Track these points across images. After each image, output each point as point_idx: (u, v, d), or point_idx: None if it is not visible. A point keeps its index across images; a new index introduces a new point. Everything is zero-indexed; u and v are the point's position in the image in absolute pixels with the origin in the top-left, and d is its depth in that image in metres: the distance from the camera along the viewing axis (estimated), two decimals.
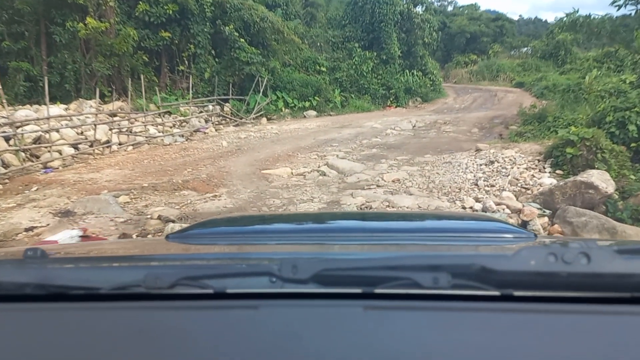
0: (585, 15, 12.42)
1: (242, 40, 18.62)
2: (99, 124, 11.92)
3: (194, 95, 17.62)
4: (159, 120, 14.56)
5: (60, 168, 9.74)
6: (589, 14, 13.29)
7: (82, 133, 11.90)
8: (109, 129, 12.09)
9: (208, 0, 18.03)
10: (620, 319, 0.74)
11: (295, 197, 7.27)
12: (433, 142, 12.08)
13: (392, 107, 23.10)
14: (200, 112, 17.15)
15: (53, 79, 16.08)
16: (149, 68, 17.92)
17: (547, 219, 6.20)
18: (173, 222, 6.12)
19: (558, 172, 7.56)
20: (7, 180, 8.54)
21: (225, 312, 0.78)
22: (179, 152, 11.05)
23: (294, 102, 19.93)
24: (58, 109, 12.85)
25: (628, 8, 11.31)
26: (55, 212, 6.59)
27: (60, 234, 5.05)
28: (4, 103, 10.09)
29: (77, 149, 11.11)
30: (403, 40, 24.99)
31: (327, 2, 27.88)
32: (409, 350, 0.67)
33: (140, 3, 16.98)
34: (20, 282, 0.83)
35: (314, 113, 19.75)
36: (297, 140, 12.49)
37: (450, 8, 51.73)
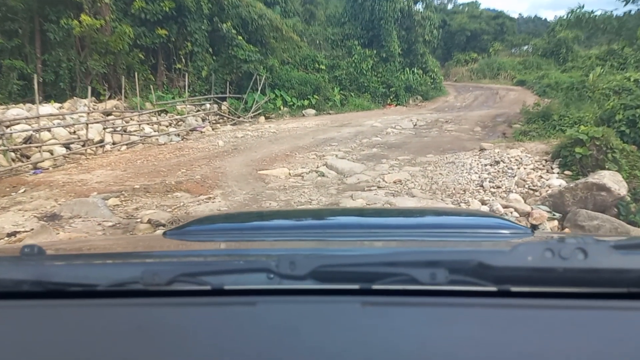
0: (590, 11, 12.13)
1: (240, 38, 18.32)
2: (92, 123, 11.63)
3: (191, 94, 17.34)
4: (155, 119, 14.25)
5: (51, 169, 9.44)
6: (592, 10, 13.08)
7: (74, 132, 11.60)
8: (103, 128, 11.78)
9: None
10: (617, 314, 0.74)
11: (293, 199, 6.97)
12: (435, 141, 11.77)
13: (392, 105, 22.82)
14: (198, 110, 16.85)
15: (47, 78, 15.86)
16: (146, 66, 17.65)
17: (557, 223, 5.91)
18: (164, 226, 5.83)
19: (566, 172, 7.27)
20: None
21: (223, 308, 0.78)
22: (174, 151, 10.75)
23: (293, 100, 19.62)
24: (50, 108, 12.55)
25: (628, 6, 11.05)
26: (41, 215, 6.29)
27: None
28: None
29: (69, 149, 10.81)
30: (403, 38, 24.69)
31: None
32: (407, 346, 0.68)
33: (137, 0, 16.65)
34: (18, 279, 0.83)
35: (313, 112, 19.46)
36: (295, 140, 12.18)
37: (451, 6, 51.27)
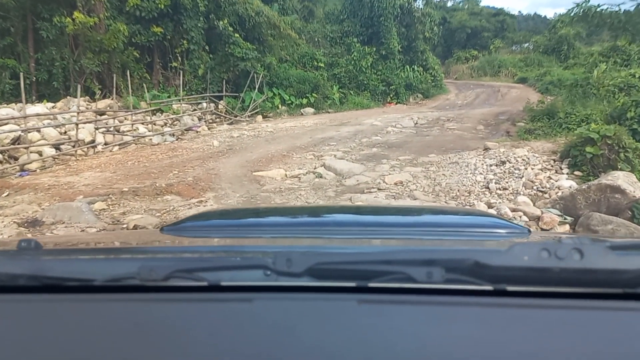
0: (597, 5, 11.78)
1: (236, 36, 17.99)
2: (84, 123, 11.27)
3: (188, 93, 17.02)
4: (150, 119, 13.90)
5: (38, 171, 9.09)
6: (599, 5, 12.77)
7: (65, 133, 11.25)
8: (95, 128, 11.43)
9: None
10: (612, 315, 0.74)
11: (289, 202, 6.63)
12: (437, 140, 11.42)
13: (392, 103, 22.53)
14: (194, 109, 16.49)
15: (41, 77, 15.59)
16: (141, 65, 17.34)
17: (568, 227, 5.56)
18: None
19: (576, 173, 6.92)
20: None
21: (220, 304, 0.78)
22: (167, 152, 10.39)
23: (291, 99, 19.28)
24: (40, 108, 12.21)
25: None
26: (21, 221, 5.94)
27: None
28: None
29: (59, 150, 10.46)
30: (403, 35, 24.38)
31: None
32: (403, 344, 0.68)
33: None
34: (14, 273, 0.83)
35: (312, 110, 19.12)
36: (292, 139, 11.83)
37: (450, 3, 50.86)
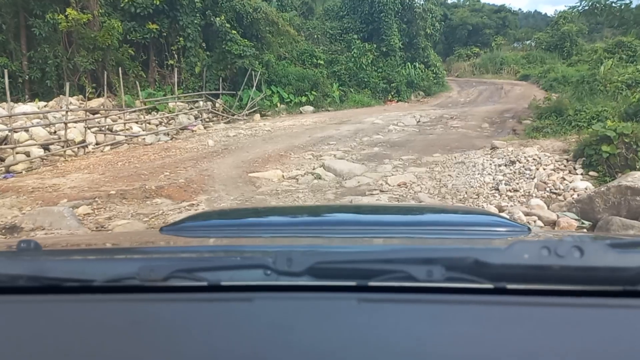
0: None
1: (234, 32, 17.58)
2: (75, 122, 10.88)
3: (184, 91, 16.63)
4: (144, 118, 13.50)
5: (24, 172, 8.70)
6: None
7: (54, 132, 10.86)
8: (87, 128, 11.04)
9: None
10: (612, 312, 0.73)
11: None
12: (441, 139, 11.03)
13: (393, 101, 22.15)
14: (191, 108, 16.09)
15: (34, 75, 15.22)
16: (136, 63, 16.96)
17: (586, 232, 5.15)
18: None
19: (591, 173, 6.51)
20: None
21: (220, 304, 0.78)
22: (160, 152, 9.98)
23: (290, 97, 18.89)
24: (29, 107, 11.82)
25: None
26: None
27: None
28: None
29: (47, 150, 10.06)
30: (404, 32, 24.03)
31: None
32: (403, 343, 0.68)
33: None
34: (14, 274, 0.83)
35: (311, 108, 18.73)
36: (290, 139, 11.43)
37: (451, 0, 50.43)
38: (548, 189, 6.15)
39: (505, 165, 7.16)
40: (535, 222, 5.12)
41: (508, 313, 0.73)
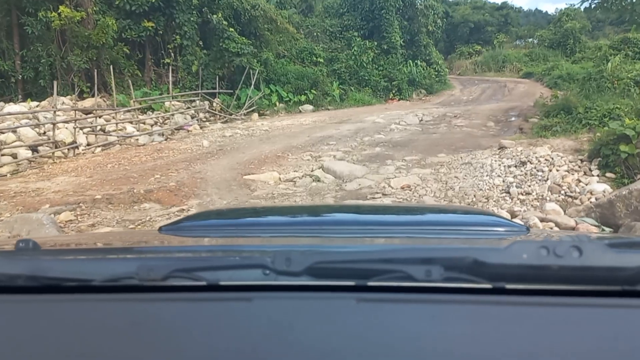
0: None
1: (231, 30, 17.20)
2: (65, 123, 10.49)
3: (181, 90, 16.26)
4: (139, 118, 13.11)
5: (9, 175, 8.31)
6: None
7: (44, 133, 10.46)
8: (79, 128, 10.64)
9: None
10: (611, 312, 0.73)
11: None
12: (445, 138, 10.64)
13: (394, 100, 21.84)
14: (187, 107, 15.70)
15: (27, 75, 14.88)
16: (132, 61, 16.60)
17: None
18: None
19: (608, 175, 6.10)
20: None
21: (219, 304, 0.77)
22: (152, 153, 9.59)
23: (289, 96, 18.53)
24: (19, 106, 11.44)
25: None
26: None
27: None
28: None
29: (36, 152, 9.67)
30: (405, 29, 23.72)
31: None
32: (402, 342, 0.67)
33: None
34: (12, 273, 0.82)
35: (311, 107, 18.38)
36: (288, 138, 11.05)
37: None
38: (563, 192, 5.74)
39: (516, 167, 6.75)
40: (552, 228, 4.72)
41: (507, 313, 0.73)
